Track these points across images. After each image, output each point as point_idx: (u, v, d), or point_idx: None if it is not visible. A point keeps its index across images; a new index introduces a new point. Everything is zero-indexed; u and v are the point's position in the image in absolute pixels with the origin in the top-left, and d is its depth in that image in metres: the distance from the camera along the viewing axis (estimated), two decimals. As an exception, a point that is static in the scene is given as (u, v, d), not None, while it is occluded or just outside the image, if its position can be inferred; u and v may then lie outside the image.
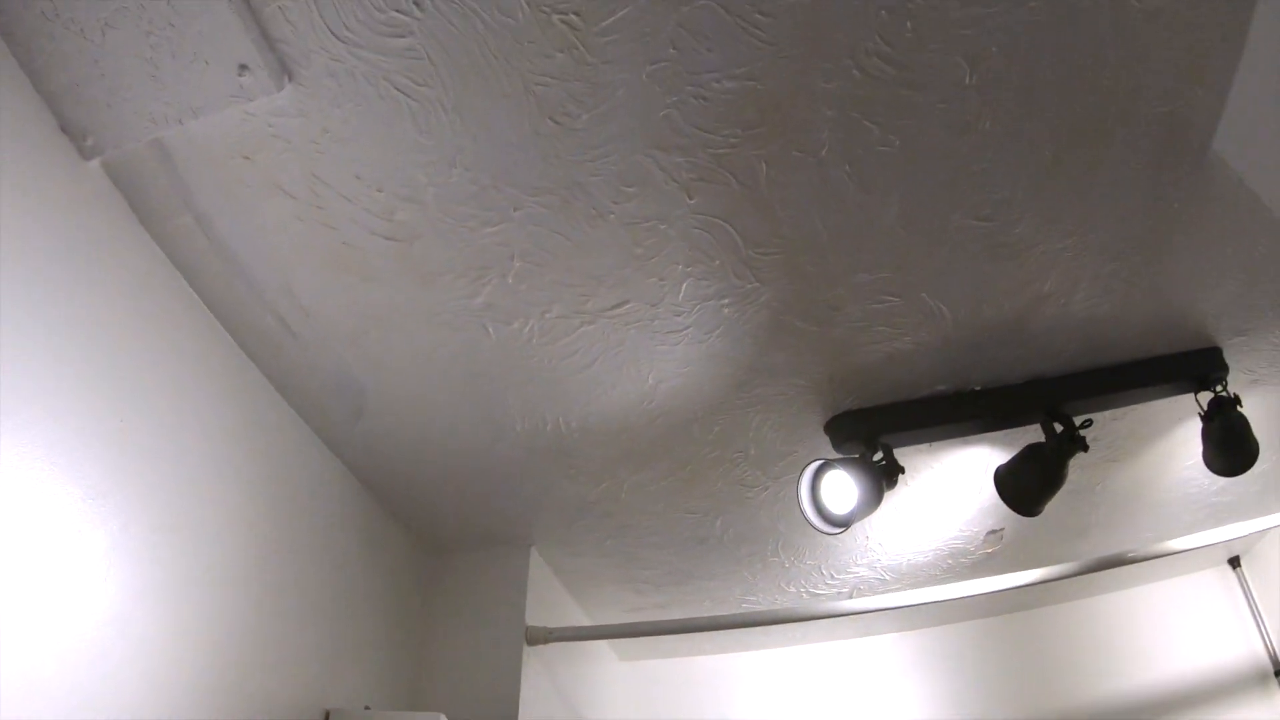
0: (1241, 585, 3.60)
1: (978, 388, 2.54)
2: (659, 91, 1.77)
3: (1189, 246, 2.21)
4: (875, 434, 2.50)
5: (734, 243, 2.08)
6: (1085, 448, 2.45)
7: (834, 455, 2.56)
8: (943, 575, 3.39)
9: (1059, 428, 2.46)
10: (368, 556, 2.79)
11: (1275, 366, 2.63)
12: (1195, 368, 2.54)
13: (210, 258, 2.06)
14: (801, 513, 2.28)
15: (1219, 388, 2.53)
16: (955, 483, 2.92)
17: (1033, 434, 2.52)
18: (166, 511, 1.93)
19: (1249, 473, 2.53)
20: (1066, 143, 1.94)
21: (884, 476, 2.38)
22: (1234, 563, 3.64)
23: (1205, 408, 2.52)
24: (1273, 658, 3.42)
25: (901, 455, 2.59)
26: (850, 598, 3.51)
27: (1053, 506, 2.54)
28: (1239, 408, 2.50)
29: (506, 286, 2.14)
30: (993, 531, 3.09)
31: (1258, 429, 2.50)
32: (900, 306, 2.28)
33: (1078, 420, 2.47)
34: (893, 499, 2.86)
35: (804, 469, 2.29)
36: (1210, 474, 2.60)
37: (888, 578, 3.41)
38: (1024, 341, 2.43)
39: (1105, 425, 2.71)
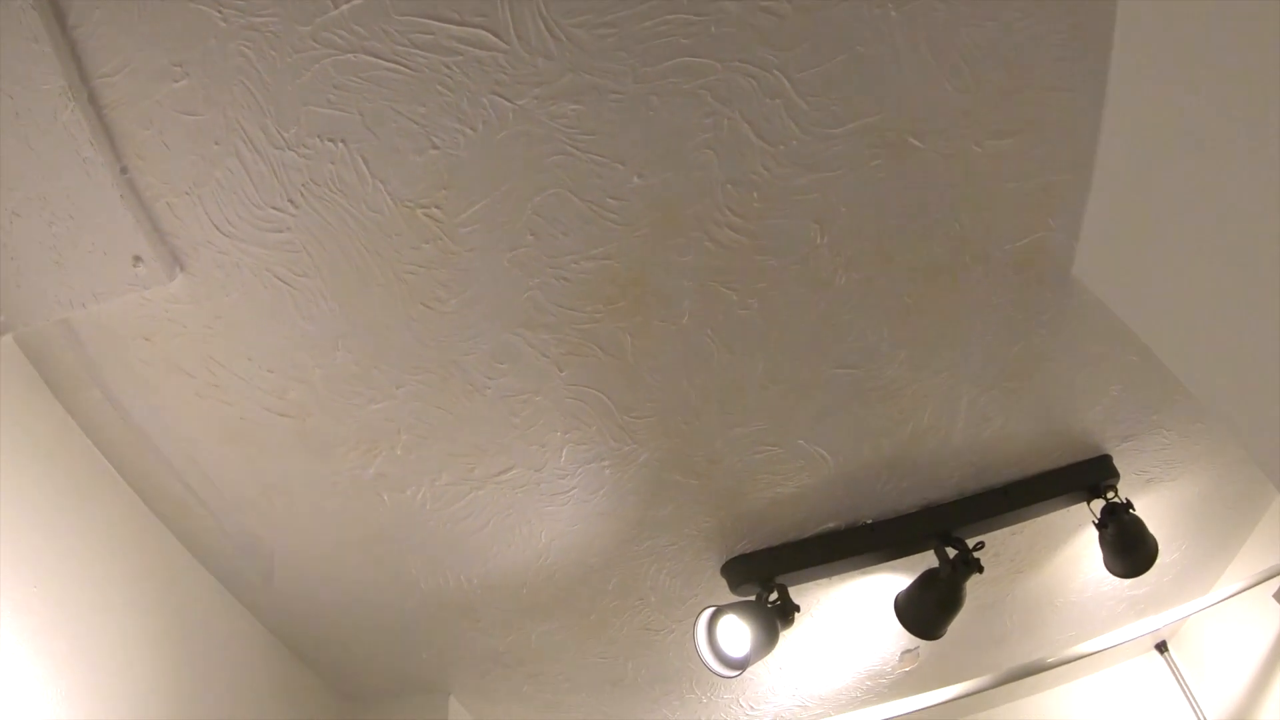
0: (1171, 669, 3.61)
1: (869, 521, 2.57)
2: (521, 275, 1.84)
3: (1062, 366, 2.25)
4: (770, 575, 2.51)
5: (608, 409, 2.14)
6: (980, 569, 2.45)
7: (731, 598, 2.56)
8: (864, 696, 3.39)
9: (952, 553, 2.47)
10: (285, 710, 2.74)
11: (1166, 464, 2.65)
12: (1086, 477, 2.55)
13: (120, 428, 2.09)
14: (700, 659, 2.29)
15: (1110, 494, 2.55)
16: (862, 609, 2.94)
17: (931, 558, 2.51)
18: (79, 673, 1.91)
19: (1159, 564, 2.53)
20: (925, 287, 1.99)
21: (779, 617, 2.39)
22: (1161, 648, 3.65)
23: (1099, 515, 2.55)
24: (1208, 738, 3.39)
25: (804, 590, 2.61)
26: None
27: (966, 620, 2.55)
28: (1131, 510, 2.52)
29: (396, 458, 2.19)
30: (908, 650, 3.11)
31: (1159, 523, 2.52)
32: (779, 454, 2.33)
33: (971, 543, 2.48)
34: (804, 628, 2.89)
35: (698, 616, 2.32)
36: (1119, 573, 2.60)
37: (809, 704, 3.39)
38: (910, 474, 2.46)
39: (1005, 541, 2.74)
